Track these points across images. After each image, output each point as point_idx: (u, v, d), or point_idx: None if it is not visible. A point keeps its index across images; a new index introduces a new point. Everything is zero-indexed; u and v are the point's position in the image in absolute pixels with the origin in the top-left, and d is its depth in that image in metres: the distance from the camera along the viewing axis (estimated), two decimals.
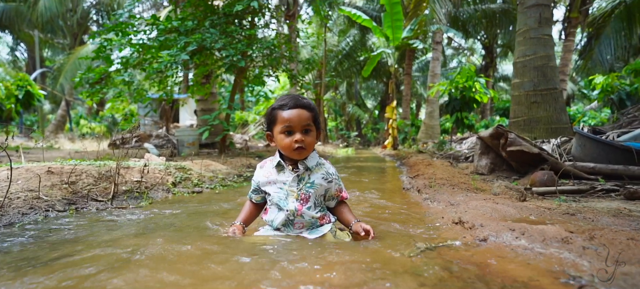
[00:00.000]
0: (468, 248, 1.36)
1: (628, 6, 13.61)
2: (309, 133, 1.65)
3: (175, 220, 2.16)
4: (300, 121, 1.62)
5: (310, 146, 1.65)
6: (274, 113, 1.69)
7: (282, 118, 1.64)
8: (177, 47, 6.16)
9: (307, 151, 1.65)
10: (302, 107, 1.65)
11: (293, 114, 1.63)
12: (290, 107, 1.64)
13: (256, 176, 1.79)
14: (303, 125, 1.63)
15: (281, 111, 1.66)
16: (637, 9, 13.36)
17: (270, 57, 7.35)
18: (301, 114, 1.64)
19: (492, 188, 2.78)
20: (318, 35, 18.15)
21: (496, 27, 20.79)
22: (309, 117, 1.65)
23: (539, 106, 5.97)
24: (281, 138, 1.65)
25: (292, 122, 1.62)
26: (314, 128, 1.68)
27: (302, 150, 1.62)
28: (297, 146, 1.61)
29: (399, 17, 14.45)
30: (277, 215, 1.68)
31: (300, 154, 1.64)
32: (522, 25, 6.25)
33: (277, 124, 1.67)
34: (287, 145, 1.63)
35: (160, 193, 3.05)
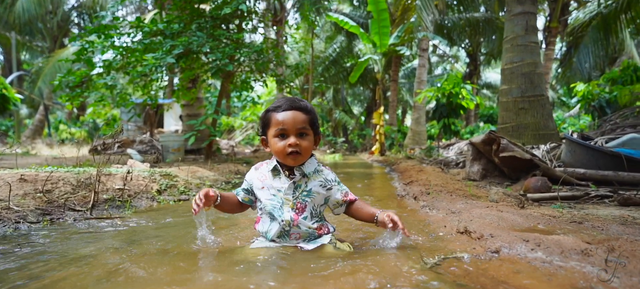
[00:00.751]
0: (480, 261, 1.27)
1: (604, 17, 14.01)
2: (305, 137, 1.54)
3: (161, 232, 2.01)
4: (294, 124, 1.52)
5: (306, 151, 1.54)
6: (268, 115, 1.59)
7: (275, 121, 1.54)
8: (163, 50, 5.99)
9: (302, 157, 1.54)
10: (297, 109, 1.55)
11: (287, 116, 1.52)
12: (284, 109, 1.54)
13: (250, 176, 1.66)
14: (298, 129, 1.52)
15: (275, 113, 1.55)
16: (613, 20, 13.76)
17: (258, 62, 7.23)
18: (296, 117, 1.53)
19: (490, 195, 2.72)
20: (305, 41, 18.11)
21: (480, 35, 21.18)
22: (305, 120, 1.55)
23: (526, 112, 6.02)
24: (275, 142, 1.54)
25: (286, 124, 1.51)
26: (311, 133, 1.57)
27: (297, 156, 1.52)
28: (291, 150, 1.50)
29: (386, 24, 14.55)
30: (271, 226, 1.57)
31: (294, 160, 1.53)
32: (510, 33, 6.31)
33: (271, 127, 1.56)
34: (280, 149, 1.52)
35: (144, 202, 2.89)
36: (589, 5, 15.71)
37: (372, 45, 15.76)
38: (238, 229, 2.08)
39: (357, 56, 22.40)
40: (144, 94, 7.73)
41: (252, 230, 2.00)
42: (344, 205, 1.66)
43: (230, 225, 2.19)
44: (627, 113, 7.70)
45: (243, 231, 2.00)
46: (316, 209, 1.60)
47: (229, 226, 2.15)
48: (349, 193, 1.68)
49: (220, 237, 1.86)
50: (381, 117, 15.00)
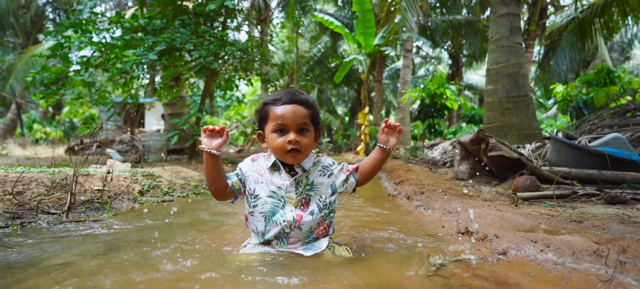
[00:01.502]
0: (488, 264, 1.22)
1: (580, 21, 14.43)
2: (306, 133, 1.44)
3: (144, 235, 1.88)
4: (295, 118, 1.42)
5: (306, 148, 1.43)
6: (266, 108, 1.48)
7: (274, 115, 1.43)
8: (145, 47, 5.78)
9: (302, 155, 1.44)
10: (298, 103, 1.45)
11: (287, 110, 1.42)
12: (284, 102, 1.44)
13: (245, 167, 1.51)
14: (298, 124, 1.42)
15: (274, 106, 1.45)
16: (588, 24, 14.16)
17: (243, 60, 7.08)
18: (297, 111, 1.43)
19: (482, 194, 2.70)
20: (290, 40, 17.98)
21: (462, 37, 21.54)
22: (306, 115, 1.45)
23: (511, 112, 6.09)
24: (273, 138, 1.43)
25: (285, 119, 1.41)
26: (311, 128, 1.47)
27: (297, 153, 1.41)
28: (291, 147, 1.40)
29: (371, 25, 14.57)
30: (269, 225, 1.45)
31: (294, 157, 1.42)
32: (495, 34, 6.37)
33: (269, 121, 1.45)
34: (279, 146, 1.41)
35: (125, 203, 2.73)
36: (566, 10, 16.16)
37: (357, 45, 15.78)
38: (224, 231, 1.97)
39: (341, 56, 22.40)
40: (124, 92, 7.46)
41: (241, 232, 1.90)
42: (351, 176, 1.54)
43: (217, 227, 2.08)
44: (604, 113, 7.92)
45: (231, 234, 1.89)
46: (323, 201, 1.49)
47: (215, 228, 2.04)
48: (348, 165, 1.59)
49: (208, 240, 1.75)
50: (366, 117, 15.03)
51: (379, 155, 1.53)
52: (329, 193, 1.51)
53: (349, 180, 1.54)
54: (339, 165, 1.58)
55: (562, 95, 11.57)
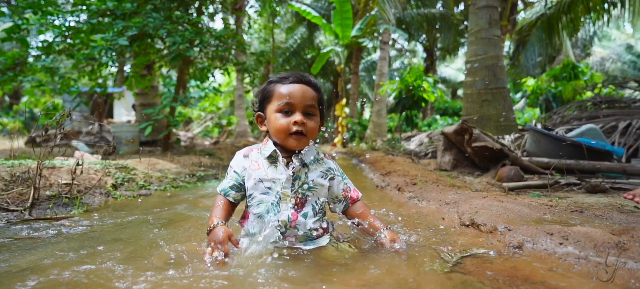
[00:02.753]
0: (504, 258, 1.15)
1: (548, 17, 14.95)
2: (312, 117, 1.33)
3: (121, 233, 1.71)
4: (303, 99, 1.31)
5: (312, 133, 1.33)
6: (270, 87, 1.35)
7: (279, 94, 1.31)
8: (114, 31, 5.42)
9: (307, 140, 1.32)
10: (307, 84, 1.34)
11: (295, 89, 1.31)
12: (292, 82, 1.32)
13: (239, 166, 1.38)
14: (306, 105, 1.31)
15: (280, 85, 1.33)
16: (555, 21, 14.69)
17: (218, 49, 6.80)
18: (305, 91, 1.32)
19: (473, 185, 2.68)
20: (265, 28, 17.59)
21: (436, 30, 21.88)
22: (314, 98, 1.34)
23: (489, 104, 6.18)
24: (276, 118, 1.31)
25: (292, 98, 1.29)
26: (318, 113, 1.36)
27: (301, 137, 1.30)
28: (296, 129, 1.28)
29: (348, 16, 14.48)
30: (263, 227, 1.32)
31: (298, 141, 1.30)
32: (474, 26, 6.42)
33: (273, 101, 1.33)
34: (283, 127, 1.29)
35: (97, 198, 2.51)
36: (536, 6, 16.68)
37: (334, 36, 15.67)
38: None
39: (317, 48, 22.22)
40: (91, 80, 7.01)
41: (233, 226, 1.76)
42: (343, 202, 1.44)
43: (202, 223, 1.92)
44: (572, 106, 8.23)
45: None
46: (319, 204, 1.38)
47: (199, 224, 1.89)
48: (352, 188, 1.46)
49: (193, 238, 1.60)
50: (343, 109, 14.99)
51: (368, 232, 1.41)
52: (324, 196, 1.41)
53: (341, 203, 1.45)
54: (342, 176, 1.47)
55: (532, 88, 11.96)
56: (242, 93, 15.03)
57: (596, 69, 24.64)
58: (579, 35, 24.02)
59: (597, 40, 27.53)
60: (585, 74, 12.61)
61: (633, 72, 25.98)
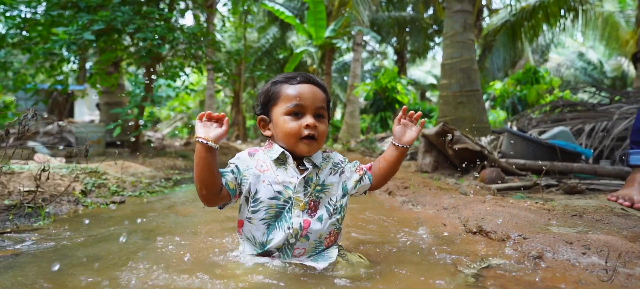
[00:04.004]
0: (527, 270, 1.10)
1: (512, 24, 15.61)
2: (322, 120, 1.24)
3: (97, 248, 1.53)
4: (314, 100, 1.21)
5: (322, 138, 1.23)
6: (276, 88, 1.24)
7: (287, 95, 1.20)
8: (78, 25, 5.05)
9: (317, 145, 1.22)
10: (315, 85, 1.24)
11: (305, 90, 1.20)
12: (300, 81, 1.22)
13: (243, 162, 1.23)
14: (317, 107, 1.21)
15: (287, 85, 1.22)
16: (519, 27, 15.36)
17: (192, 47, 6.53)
18: (315, 92, 1.22)
19: (461, 188, 2.67)
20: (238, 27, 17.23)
21: (407, 33, 22.35)
22: (324, 99, 1.25)
23: (464, 106, 6.31)
24: (284, 121, 1.20)
25: (303, 99, 1.19)
26: (327, 117, 1.27)
27: (313, 142, 1.20)
28: (308, 133, 1.18)
29: (322, 16, 14.45)
30: (272, 234, 1.21)
31: (309, 147, 1.20)
32: (449, 29, 6.54)
33: (280, 102, 1.22)
34: (293, 131, 1.18)
35: (65, 207, 2.28)
36: (501, 13, 17.39)
37: (308, 37, 15.59)
38: (199, 238, 1.68)
39: (290, 48, 22.06)
40: (50, 77, 6.52)
41: (222, 237, 1.63)
42: (366, 177, 1.35)
43: (188, 233, 1.77)
44: (537, 109, 8.60)
45: (209, 241, 1.61)
46: (334, 204, 1.27)
47: (185, 235, 1.74)
48: (360, 164, 1.39)
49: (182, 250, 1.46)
50: None
51: (394, 154, 1.35)
52: (339, 195, 1.30)
53: (363, 180, 1.35)
54: (350, 162, 1.38)
55: (500, 91, 12.43)
56: (213, 92, 14.64)
57: (553, 74, 26.13)
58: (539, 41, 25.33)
59: (554, 47, 29.14)
60: (545, 78, 13.29)
61: (584, 77, 27.68)
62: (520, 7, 14.54)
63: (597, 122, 5.33)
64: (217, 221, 2.00)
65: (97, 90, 7.52)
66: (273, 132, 1.28)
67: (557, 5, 13.34)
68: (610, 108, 5.77)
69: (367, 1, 12.77)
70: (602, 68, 27.43)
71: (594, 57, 27.84)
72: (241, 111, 17.10)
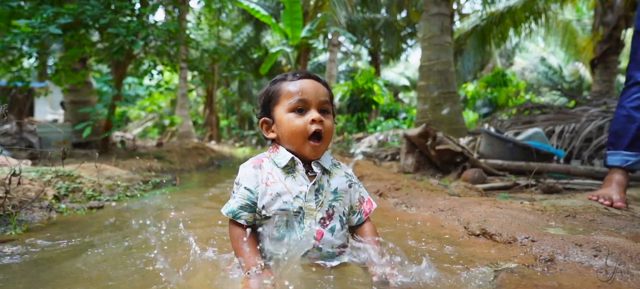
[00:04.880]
0: (544, 273, 1.10)
1: (482, 28, 16.20)
2: (328, 116, 1.18)
3: (79, 260, 1.40)
4: (317, 94, 1.15)
5: (328, 135, 1.17)
6: (275, 87, 1.18)
7: (289, 92, 1.15)
8: (43, 18, 4.73)
9: (325, 143, 1.17)
10: (317, 80, 1.19)
11: (306, 85, 1.15)
12: (300, 77, 1.17)
13: (249, 180, 1.15)
14: (321, 101, 1.16)
15: (288, 82, 1.17)
16: (488, 31, 15.97)
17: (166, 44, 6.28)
18: (317, 87, 1.17)
19: (449, 188, 2.70)
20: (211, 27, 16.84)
21: (380, 35, 22.67)
22: (327, 94, 1.19)
23: (442, 108, 6.44)
24: (288, 120, 1.14)
25: (305, 93, 1.13)
26: (331, 112, 1.22)
27: (319, 143, 1.14)
28: (315, 128, 1.12)
29: (298, 16, 14.37)
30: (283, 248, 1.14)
31: (315, 151, 1.14)
32: (427, 32, 6.66)
33: (281, 100, 1.16)
34: (299, 129, 1.12)
35: (37, 213, 2.11)
36: (472, 17, 17.98)
37: (284, 36, 15.47)
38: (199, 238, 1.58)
39: (264, 48, 21.83)
40: (7, 73, 6.09)
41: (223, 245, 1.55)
42: (358, 216, 1.26)
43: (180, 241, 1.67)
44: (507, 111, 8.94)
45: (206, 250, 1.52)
46: (346, 215, 1.22)
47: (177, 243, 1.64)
48: (366, 198, 1.29)
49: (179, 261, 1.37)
50: None
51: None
52: (348, 205, 1.24)
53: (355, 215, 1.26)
54: (358, 183, 1.30)
55: (471, 93, 12.83)
56: (185, 91, 14.22)
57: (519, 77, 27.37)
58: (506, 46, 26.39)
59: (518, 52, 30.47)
60: (512, 81, 13.87)
61: (545, 81, 29.11)
62: (490, 13, 15.09)
63: (566, 124, 5.59)
64: (209, 226, 1.91)
65: (62, 88, 7.11)
66: (277, 133, 1.21)
67: (523, 12, 13.95)
68: (578, 111, 6.06)
69: (343, 2, 12.84)
70: (561, 72, 28.96)
71: (555, 62, 29.37)
72: (214, 111, 16.72)
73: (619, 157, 2.52)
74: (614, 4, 10.13)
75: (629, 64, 2.60)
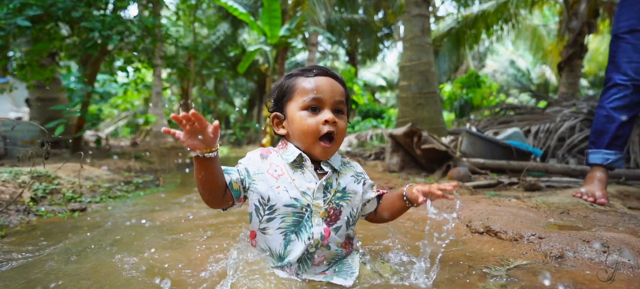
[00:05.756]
0: (556, 270, 1.12)
1: (457, 31, 16.65)
2: (342, 116, 1.15)
3: (75, 267, 1.31)
4: (332, 94, 1.12)
5: (341, 136, 1.15)
6: (290, 82, 1.14)
7: (303, 89, 1.11)
8: (9, 8, 4.45)
9: (336, 145, 1.14)
10: (333, 78, 1.16)
11: (322, 83, 1.12)
12: (317, 74, 1.13)
13: (251, 164, 1.13)
14: (336, 101, 1.12)
15: (302, 78, 1.13)
16: (463, 34, 16.44)
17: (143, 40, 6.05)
18: (334, 85, 1.14)
19: None
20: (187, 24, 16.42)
21: (358, 35, 22.87)
22: (343, 93, 1.16)
23: (423, 108, 6.55)
24: (301, 118, 1.10)
25: (320, 92, 1.10)
26: (346, 113, 1.19)
27: (330, 145, 1.11)
28: (328, 129, 1.09)
29: (277, 15, 14.25)
30: (291, 245, 1.11)
31: (326, 152, 1.11)
32: (408, 33, 6.75)
33: (295, 97, 1.12)
34: (311, 128, 1.09)
35: (14, 217, 1.96)
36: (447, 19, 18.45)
37: (262, 35, 15.31)
38: (195, 249, 1.52)
39: (241, 46, 21.53)
40: None
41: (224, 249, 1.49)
42: (375, 201, 1.25)
43: (180, 244, 1.60)
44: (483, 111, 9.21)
45: (210, 254, 1.46)
46: (353, 216, 1.19)
47: (177, 246, 1.57)
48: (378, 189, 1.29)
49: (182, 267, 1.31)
50: None
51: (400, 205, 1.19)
52: (359, 206, 1.22)
53: (371, 202, 1.24)
54: (367, 176, 1.28)
55: (448, 94, 13.15)
56: (160, 89, 13.80)
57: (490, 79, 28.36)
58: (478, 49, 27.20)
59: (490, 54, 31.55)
60: (485, 83, 14.33)
61: (515, 83, 30.27)
62: (464, 16, 15.52)
63: (541, 124, 5.80)
64: (199, 226, 1.84)
65: (29, 84, 6.72)
66: (288, 130, 1.18)
67: (495, 16, 14.43)
68: (551, 112, 6.31)
69: (323, 2, 12.84)
70: (529, 75, 30.18)
71: (523, 65, 30.56)
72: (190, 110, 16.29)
73: (600, 155, 2.63)
74: (578, 11, 10.64)
75: (608, 66, 2.72)
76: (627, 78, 2.56)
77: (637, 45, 2.55)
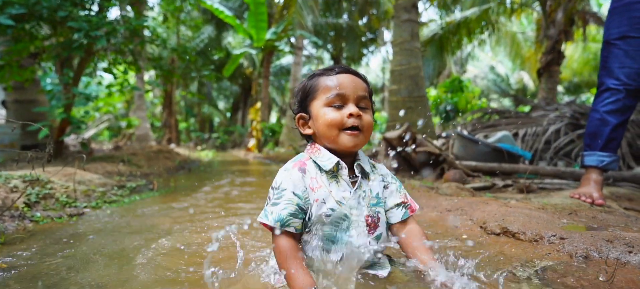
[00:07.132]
0: (582, 272, 1.13)
1: (441, 37, 16.97)
2: (367, 111, 1.14)
3: (90, 275, 1.24)
4: (355, 89, 1.11)
5: (368, 130, 1.13)
6: (313, 82, 1.14)
7: (326, 86, 1.11)
8: None
9: (363, 139, 1.12)
10: (355, 75, 1.16)
11: (345, 79, 1.12)
12: (338, 72, 1.13)
13: (296, 184, 1.08)
14: (359, 96, 1.12)
15: (325, 77, 1.13)
16: (446, 39, 16.78)
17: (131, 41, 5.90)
18: (356, 81, 1.13)
19: (441, 189, 2.76)
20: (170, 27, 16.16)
21: (343, 39, 23.05)
22: (366, 89, 1.16)
23: (412, 111, 6.62)
24: (325, 113, 1.10)
25: (344, 88, 1.10)
26: (371, 108, 1.18)
27: (357, 134, 1.10)
28: (352, 123, 1.08)
29: (263, 18, 14.20)
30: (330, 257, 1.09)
31: (353, 139, 1.09)
32: (398, 37, 6.83)
33: (319, 95, 1.12)
34: (335, 122, 1.08)
35: (9, 223, 1.86)
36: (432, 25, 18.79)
37: (248, 38, 15.21)
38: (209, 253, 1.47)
39: (226, 49, 21.33)
40: None
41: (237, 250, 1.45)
42: (404, 208, 1.19)
43: (194, 250, 1.54)
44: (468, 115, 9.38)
45: (227, 258, 1.41)
46: (385, 222, 1.18)
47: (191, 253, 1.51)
48: (409, 197, 1.25)
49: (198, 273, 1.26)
50: (258, 112, 14.63)
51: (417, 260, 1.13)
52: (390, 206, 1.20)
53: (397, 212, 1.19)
54: (395, 180, 1.25)
55: (433, 98, 13.35)
56: (143, 92, 13.50)
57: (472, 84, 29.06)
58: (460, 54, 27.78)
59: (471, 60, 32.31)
60: (468, 88, 14.64)
61: (494, 88, 31.08)
62: (448, 22, 15.84)
63: (528, 127, 5.96)
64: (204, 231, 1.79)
65: (7, 85, 6.44)
66: (314, 129, 1.16)
67: (477, 23, 14.78)
68: (536, 116, 6.49)
69: (310, 6, 12.86)
70: (508, 80, 31.02)
71: (503, 70, 31.41)
72: (173, 113, 16.01)
73: (595, 157, 2.70)
74: (556, 19, 11.01)
75: (600, 72, 2.81)
76: (620, 83, 2.66)
77: (628, 51, 2.65)
